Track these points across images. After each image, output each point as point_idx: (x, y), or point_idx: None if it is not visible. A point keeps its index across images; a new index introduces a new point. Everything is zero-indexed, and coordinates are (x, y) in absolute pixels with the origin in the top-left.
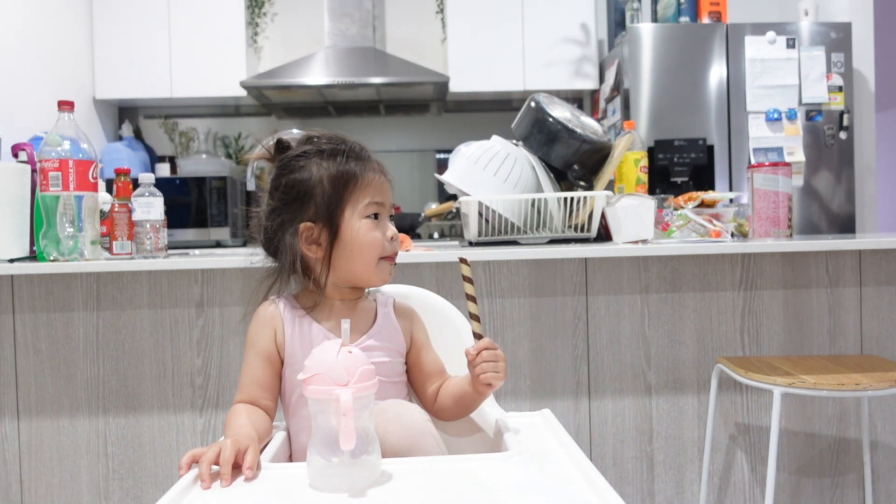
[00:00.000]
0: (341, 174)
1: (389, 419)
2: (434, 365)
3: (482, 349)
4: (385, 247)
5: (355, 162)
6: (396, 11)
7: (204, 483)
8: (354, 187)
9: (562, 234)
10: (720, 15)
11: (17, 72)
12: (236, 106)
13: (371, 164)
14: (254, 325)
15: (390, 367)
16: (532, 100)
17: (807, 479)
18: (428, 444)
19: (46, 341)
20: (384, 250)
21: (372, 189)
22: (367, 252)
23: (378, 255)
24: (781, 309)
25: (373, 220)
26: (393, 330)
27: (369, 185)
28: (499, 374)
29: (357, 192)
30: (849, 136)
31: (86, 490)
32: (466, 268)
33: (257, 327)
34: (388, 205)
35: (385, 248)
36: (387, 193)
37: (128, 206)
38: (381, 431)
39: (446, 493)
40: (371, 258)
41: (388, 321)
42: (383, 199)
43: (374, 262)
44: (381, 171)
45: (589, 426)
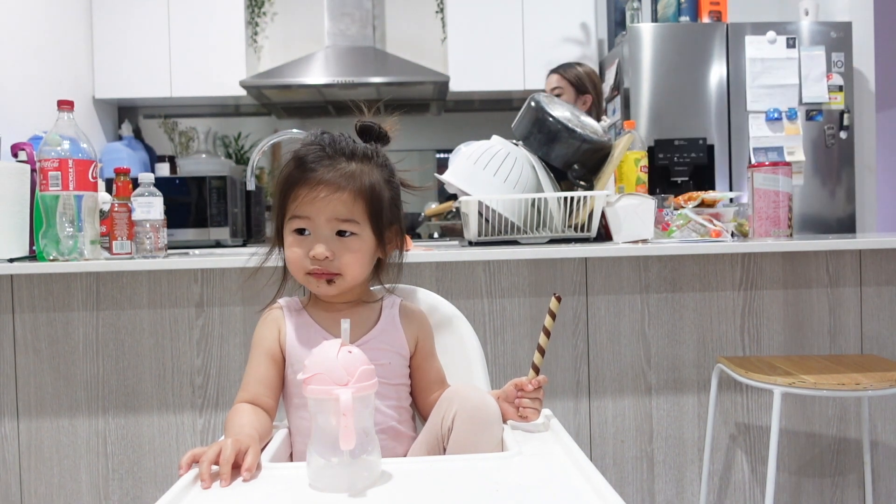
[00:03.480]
0: (281, 182)
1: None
2: (437, 374)
3: (537, 386)
4: (303, 265)
5: (302, 169)
6: (396, 11)
7: (204, 483)
8: (287, 199)
9: (562, 233)
10: (720, 14)
11: (17, 72)
12: (236, 106)
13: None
14: (259, 325)
15: (390, 369)
16: (532, 99)
17: (807, 479)
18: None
19: (46, 341)
20: (304, 267)
21: (298, 204)
22: (292, 267)
23: (300, 271)
24: (781, 309)
25: (296, 236)
26: (395, 331)
27: (295, 199)
28: (539, 411)
29: (289, 204)
30: (849, 135)
31: (86, 490)
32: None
33: (262, 327)
34: (322, 220)
35: (305, 265)
36: (317, 208)
37: (127, 205)
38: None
39: (446, 493)
40: (296, 273)
41: (391, 323)
42: (309, 214)
43: (301, 277)
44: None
45: (589, 426)
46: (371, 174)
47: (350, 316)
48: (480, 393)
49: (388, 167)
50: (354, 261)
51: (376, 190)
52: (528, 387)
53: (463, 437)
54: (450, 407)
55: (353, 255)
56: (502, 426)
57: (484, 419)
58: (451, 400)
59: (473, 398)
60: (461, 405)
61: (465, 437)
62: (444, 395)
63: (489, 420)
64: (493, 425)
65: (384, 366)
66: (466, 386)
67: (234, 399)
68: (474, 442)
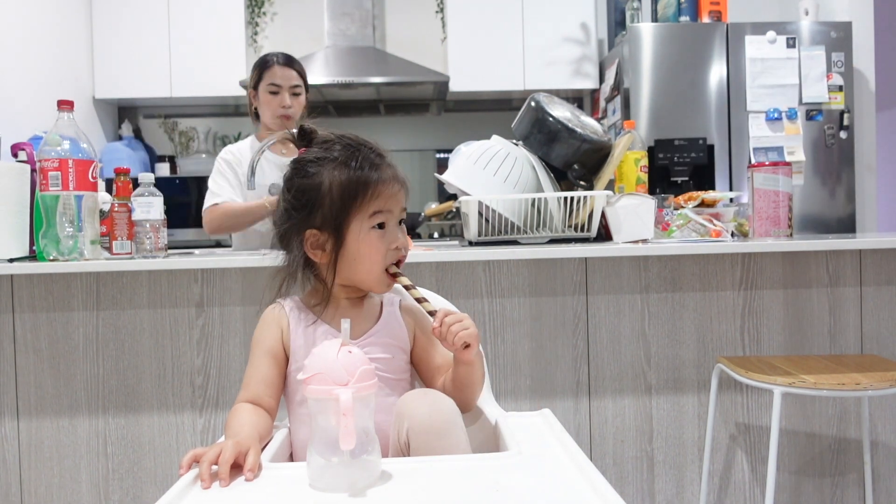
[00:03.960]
0: (350, 185)
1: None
2: (441, 359)
3: (443, 317)
4: (387, 256)
5: (366, 171)
6: (396, 11)
7: (204, 483)
8: (362, 198)
9: (562, 233)
10: (720, 14)
11: (17, 72)
12: (236, 105)
13: (384, 171)
14: (260, 325)
15: (393, 364)
16: (532, 99)
17: (807, 479)
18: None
19: (46, 341)
20: (386, 259)
21: (380, 199)
22: (370, 262)
23: (381, 265)
24: (781, 309)
25: (377, 231)
26: (397, 327)
27: (377, 196)
28: (469, 330)
29: (364, 202)
30: (849, 135)
31: (86, 490)
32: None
33: (264, 327)
34: (397, 211)
35: (387, 257)
36: (395, 201)
37: (127, 205)
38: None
39: (446, 493)
40: (374, 268)
41: (393, 318)
42: (391, 207)
43: (378, 271)
44: (394, 178)
45: (589, 426)
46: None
47: (354, 311)
48: (430, 399)
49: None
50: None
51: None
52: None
53: (420, 450)
54: (402, 422)
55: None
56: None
57: (437, 428)
58: (403, 413)
59: (422, 408)
60: (411, 418)
61: (423, 448)
62: (396, 408)
63: (442, 427)
64: (449, 430)
65: (388, 360)
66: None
67: (234, 399)
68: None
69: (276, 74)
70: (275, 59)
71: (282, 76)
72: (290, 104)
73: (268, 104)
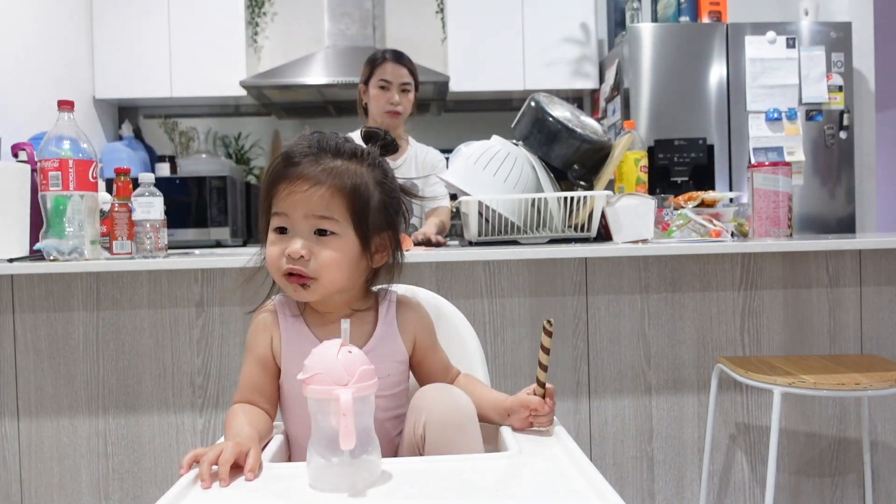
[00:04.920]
0: (266, 180)
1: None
2: (439, 364)
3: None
4: (280, 264)
5: (280, 168)
6: (396, 11)
7: (204, 483)
8: (269, 197)
9: (562, 233)
10: (720, 15)
11: (17, 72)
12: (236, 106)
13: (299, 167)
14: (251, 330)
15: (388, 381)
16: (532, 99)
17: (807, 479)
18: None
19: (46, 341)
20: (280, 268)
21: (278, 199)
22: (270, 267)
23: (276, 272)
24: (781, 309)
25: (275, 234)
26: (393, 340)
27: (277, 195)
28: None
29: (271, 202)
30: (849, 136)
31: (86, 490)
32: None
33: (254, 333)
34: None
35: (281, 265)
36: (293, 204)
37: (128, 205)
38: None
39: (446, 493)
40: (274, 274)
41: (388, 330)
42: (286, 210)
43: (279, 279)
44: (302, 177)
45: (589, 426)
46: (357, 173)
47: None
48: (449, 394)
49: (380, 169)
50: (332, 263)
51: (360, 189)
52: (545, 408)
53: (436, 444)
54: (419, 414)
55: (330, 257)
56: (478, 425)
57: (455, 423)
58: (420, 406)
59: (442, 401)
60: (429, 411)
61: (439, 443)
62: (413, 401)
63: (460, 422)
64: (466, 427)
65: (384, 379)
66: (436, 388)
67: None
68: (449, 447)
69: (387, 71)
70: (386, 55)
71: (392, 73)
72: (398, 101)
73: (377, 100)
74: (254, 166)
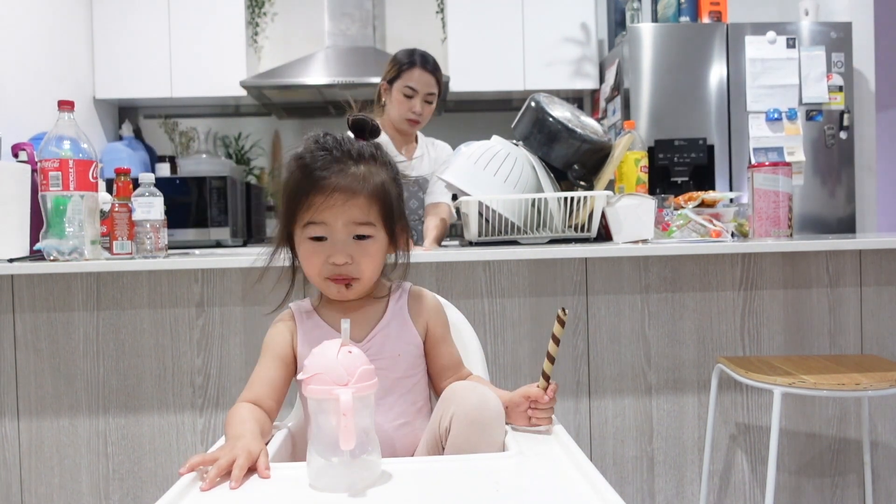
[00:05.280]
0: (292, 189)
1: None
2: (449, 358)
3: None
4: (323, 270)
5: (308, 178)
6: (396, 11)
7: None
8: (301, 205)
9: (562, 233)
10: (720, 15)
11: (17, 72)
12: (236, 106)
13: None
14: (272, 328)
15: (402, 361)
16: (532, 99)
17: (807, 479)
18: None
19: (46, 341)
20: (322, 273)
21: (314, 211)
22: (309, 273)
23: (318, 278)
24: (781, 309)
25: (313, 243)
26: (403, 322)
27: (309, 206)
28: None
29: (302, 211)
30: (849, 136)
31: (86, 490)
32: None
33: (274, 331)
34: (339, 225)
35: (323, 271)
36: (333, 214)
37: (128, 205)
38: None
39: (446, 493)
40: (314, 279)
41: (398, 314)
42: (326, 219)
43: (320, 282)
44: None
45: (589, 426)
46: (379, 174)
47: (359, 313)
48: (480, 392)
49: (391, 164)
50: (371, 263)
51: (386, 189)
52: (545, 398)
53: (460, 439)
54: (447, 407)
55: (370, 259)
56: (504, 427)
57: (482, 420)
58: (450, 400)
59: (471, 399)
60: (458, 406)
61: (463, 438)
62: (443, 394)
63: (487, 421)
64: (492, 426)
65: (396, 357)
66: (467, 384)
67: (234, 399)
68: (472, 443)
69: (414, 77)
70: (416, 59)
71: (419, 80)
72: (420, 111)
73: (399, 105)
74: (254, 166)
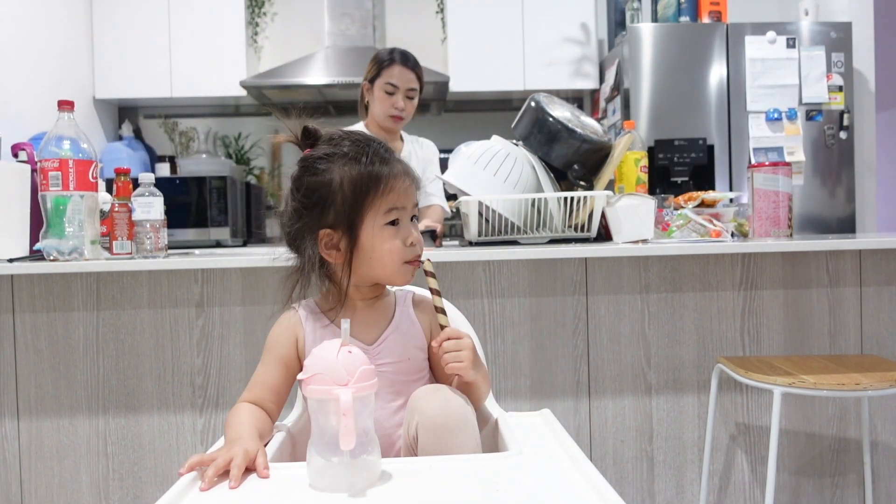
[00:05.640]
0: (362, 180)
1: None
2: None
3: (443, 340)
4: (404, 253)
5: (377, 166)
6: (396, 11)
7: (205, 487)
8: (375, 194)
9: (562, 233)
10: (720, 15)
11: (17, 72)
12: (236, 106)
13: (394, 166)
14: (275, 329)
15: (409, 366)
16: (532, 99)
17: (807, 479)
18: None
19: (46, 341)
20: (403, 256)
21: (392, 195)
22: (387, 259)
23: (398, 262)
24: (781, 309)
25: (392, 227)
26: (411, 325)
27: (390, 191)
28: (462, 362)
29: (377, 198)
30: (849, 136)
31: (86, 490)
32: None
33: (278, 333)
34: (410, 207)
35: (404, 255)
36: (408, 197)
37: (128, 205)
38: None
39: (446, 493)
40: (391, 265)
41: (407, 316)
42: (403, 203)
43: (396, 267)
44: (405, 173)
45: (589, 426)
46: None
47: (368, 314)
48: (442, 395)
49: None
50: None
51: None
52: (434, 345)
53: (428, 446)
54: (412, 415)
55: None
56: (475, 426)
57: (447, 425)
58: (413, 407)
59: (433, 403)
60: (421, 413)
61: (431, 444)
62: (409, 402)
63: (450, 425)
64: (457, 429)
65: (406, 362)
66: (430, 389)
67: (234, 399)
68: (442, 448)
69: (395, 74)
70: (395, 56)
71: (399, 77)
72: (402, 106)
73: (381, 102)
74: (254, 166)
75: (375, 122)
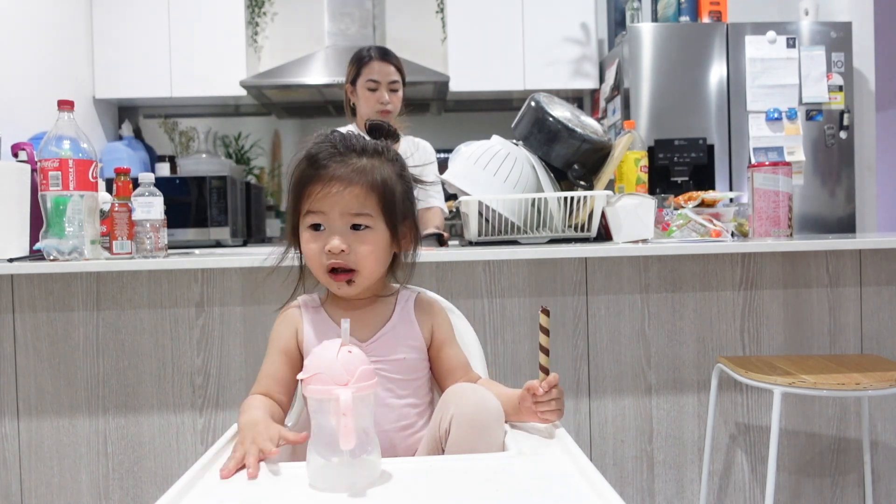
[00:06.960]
0: (295, 181)
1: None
2: (456, 361)
3: (552, 387)
4: (321, 260)
5: (310, 169)
6: (396, 11)
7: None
8: (301, 196)
9: (562, 233)
10: (720, 14)
11: (17, 72)
12: (236, 105)
13: (329, 168)
14: (277, 323)
15: (406, 364)
16: (532, 99)
17: (807, 479)
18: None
19: (46, 341)
20: (322, 262)
21: (312, 200)
22: (312, 263)
23: (320, 268)
24: (781, 309)
25: (312, 232)
26: (409, 325)
27: (310, 196)
28: (561, 410)
29: (303, 201)
30: (849, 135)
31: (86, 490)
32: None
33: (280, 326)
34: (335, 214)
35: (322, 262)
36: (330, 202)
37: (128, 205)
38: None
39: (446, 493)
40: (316, 269)
41: (405, 317)
42: (322, 208)
43: (321, 273)
44: (334, 178)
45: (589, 426)
46: (382, 169)
47: (365, 312)
48: (480, 394)
49: (398, 162)
50: (370, 254)
51: (388, 184)
52: (539, 390)
53: (459, 440)
54: (447, 408)
55: (367, 248)
56: (503, 428)
57: (481, 422)
58: (449, 401)
59: (471, 400)
60: (458, 407)
61: (462, 440)
62: (443, 396)
63: (486, 423)
64: (491, 428)
65: (399, 361)
66: (467, 386)
67: (234, 399)
68: (471, 445)
69: (374, 70)
70: (371, 53)
71: (380, 72)
72: (388, 100)
73: (366, 100)
74: (254, 166)
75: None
